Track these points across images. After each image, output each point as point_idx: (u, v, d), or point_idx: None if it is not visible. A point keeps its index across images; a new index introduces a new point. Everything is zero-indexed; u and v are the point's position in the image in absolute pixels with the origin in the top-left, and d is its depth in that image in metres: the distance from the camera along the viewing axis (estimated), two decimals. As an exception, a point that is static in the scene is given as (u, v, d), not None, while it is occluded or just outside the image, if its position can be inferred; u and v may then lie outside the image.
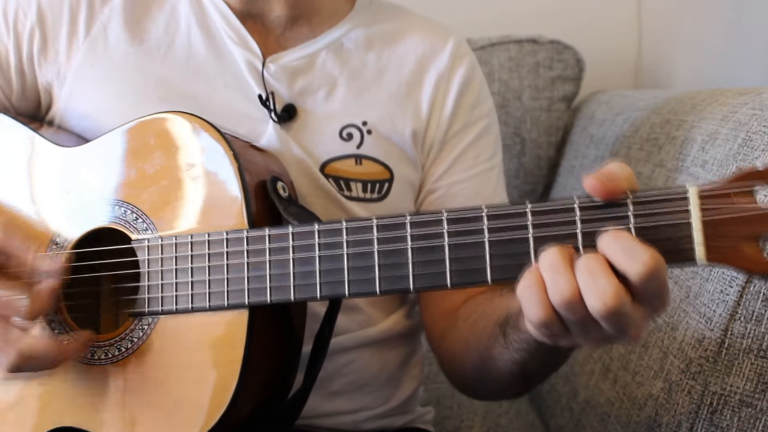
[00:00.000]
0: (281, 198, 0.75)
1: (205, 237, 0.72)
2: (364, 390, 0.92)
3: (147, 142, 0.77)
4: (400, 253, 0.65)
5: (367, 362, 0.91)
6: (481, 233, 0.63)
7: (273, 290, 0.69)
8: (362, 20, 0.95)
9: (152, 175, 0.76)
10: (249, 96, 0.87)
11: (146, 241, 0.74)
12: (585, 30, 1.57)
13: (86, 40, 0.88)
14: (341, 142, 0.88)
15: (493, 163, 0.97)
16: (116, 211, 0.77)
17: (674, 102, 1.04)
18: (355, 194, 0.88)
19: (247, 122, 0.86)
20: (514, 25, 1.51)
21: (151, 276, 0.74)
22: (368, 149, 0.88)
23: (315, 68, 0.90)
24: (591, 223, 0.60)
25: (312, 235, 0.68)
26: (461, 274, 0.64)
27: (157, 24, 0.90)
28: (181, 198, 0.74)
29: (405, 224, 0.65)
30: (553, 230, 0.61)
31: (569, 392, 1.10)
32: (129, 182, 0.77)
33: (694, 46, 1.40)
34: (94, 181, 0.79)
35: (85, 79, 0.88)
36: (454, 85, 0.93)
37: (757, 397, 0.73)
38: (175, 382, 0.72)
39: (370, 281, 0.66)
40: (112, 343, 0.75)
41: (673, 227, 0.58)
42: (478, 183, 0.95)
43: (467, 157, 0.94)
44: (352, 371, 0.90)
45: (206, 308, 0.71)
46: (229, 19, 0.90)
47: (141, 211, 0.76)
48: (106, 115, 0.85)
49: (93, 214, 0.78)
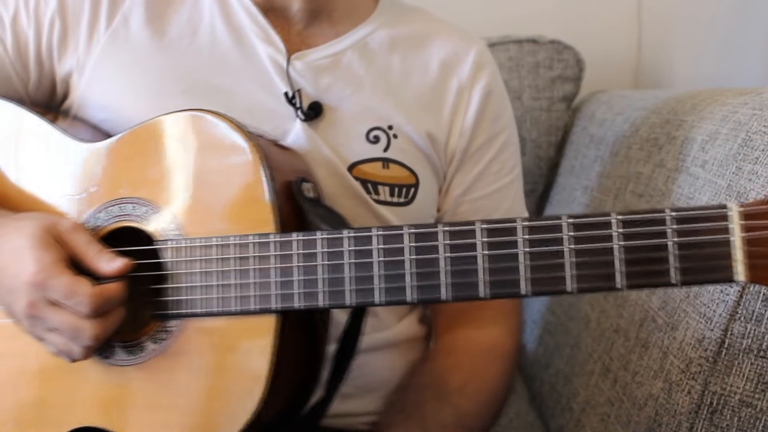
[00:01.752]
0: (308, 199, 0.74)
1: (232, 240, 0.71)
2: (374, 394, 0.92)
3: (172, 139, 0.76)
4: (433, 261, 0.65)
5: (378, 366, 0.91)
6: (517, 245, 0.62)
7: (302, 296, 0.68)
8: (386, 21, 0.94)
9: (178, 174, 0.75)
10: (274, 92, 0.86)
11: (171, 242, 0.73)
12: (585, 30, 1.57)
13: (107, 31, 0.87)
14: (368, 144, 0.87)
15: (513, 176, 0.97)
16: (138, 210, 0.76)
17: (674, 102, 1.04)
18: (383, 198, 0.87)
19: (272, 118, 0.85)
20: (514, 25, 1.51)
21: (176, 278, 0.73)
22: (395, 153, 0.88)
23: (341, 67, 0.89)
24: (630, 239, 0.60)
25: (342, 241, 0.67)
26: (496, 285, 0.63)
27: (179, 15, 0.88)
28: (206, 198, 0.73)
29: (437, 233, 0.65)
30: (591, 245, 0.61)
31: (569, 392, 1.10)
32: (153, 180, 0.75)
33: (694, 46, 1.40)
34: (116, 177, 0.77)
35: (105, 70, 0.87)
36: (476, 96, 0.93)
37: (757, 397, 0.73)
38: (200, 386, 0.71)
39: (401, 289, 0.66)
40: (137, 344, 0.74)
41: (714, 244, 0.57)
42: (499, 198, 0.95)
43: (490, 172, 0.94)
44: (363, 374, 0.89)
45: (233, 312, 0.70)
46: (252, 12, 0.89)
47: (166, 211, 0.74)
48: (125, 107, 0.85)
49: (115, 212, 0.77)
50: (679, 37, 1.47)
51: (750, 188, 0.75)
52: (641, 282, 0.61)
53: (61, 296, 0.69)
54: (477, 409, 0.88)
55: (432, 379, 0.89)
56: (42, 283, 0.69)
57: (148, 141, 0.77)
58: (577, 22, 1.59)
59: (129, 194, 0.76)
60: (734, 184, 0.78)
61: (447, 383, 0.88)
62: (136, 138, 0.78)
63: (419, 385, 0.89)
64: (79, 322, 0.69)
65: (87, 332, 0.69)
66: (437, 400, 0.86)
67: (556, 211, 1.39)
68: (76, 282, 0.69)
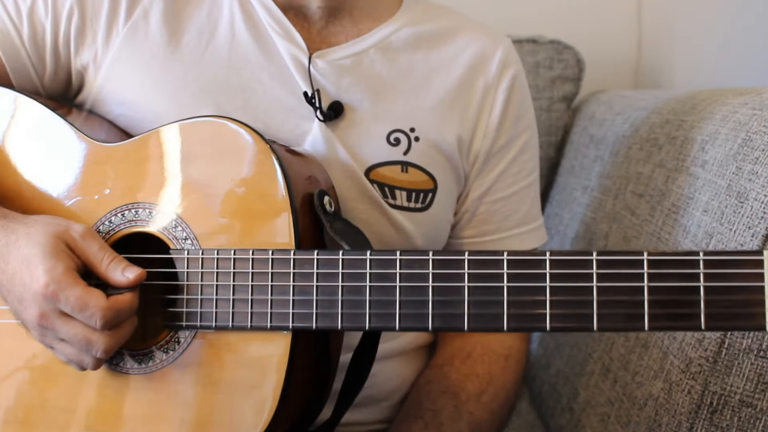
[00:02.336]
0: (327, 213, 0.73)
1: (250, 254, 0.69)
2: (383, 404, 0.92)
3: (191, 146, 0.74)
4: (456, 290, 0.63)
5: (387, 375, 0.90)
6: (543, 278, 0.61)
7: (319, 317, 0.67)
8: (410, 19, 0.92)
9: (195, 182, 0.73)
10: (294, 91, 0.85)
11: (186, 252, 0.71)
12: (585, 30, 1.57)
13: (126, 25, 0.85)
14: (389, 146, 0.86)
15: (531, 179, 0.96)
16: (154, 215, 0.74)
17: (674, 102, 1.04)
18: (399, 202, 0.86)
19: (291, 118, 0.84)
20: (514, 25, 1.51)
21: (190, 289, 0.71)
22: (415, 157, 0.86)
23: (363, 67, 0.88)
24: (659, 279, 0.58)
25: (363, 263, 0.66)
26: (518, 319, 0.62)
27: (200, 11, 0.87)
28: (224, 209, 0.71)
29: (463, 261, 0.63)
30: (619, 282, 0.59)
31: (569, 392, 1.10)
32: (169, 187, 0.74)
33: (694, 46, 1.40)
34: (132, 181, 0.76)
35: (123, 65, 0.85)
36: (501, 95, 0.92)
37: (757, 397, 0.72)
38: (207, 401, 0.70)
39: (422, 316, 0.64)
40: (146, 353, 0.73)
41: (745, 290, 0.56)
42: (517, 200, 0.94)
43: (510, 173, 0.93)
44: (373, 384, 0.88)
45: (247, 328, 0.69)
46: (272, 10, 0.87)
47: (181, 219, 0.73)
48: (143, 103, 0.83)
49: (130, 216, 0.75)
50: (679, 37, 1.47)
51: (750, 188, 0.75)
52: (666, 325, 0.59)
53: (73, 309, 0.67)
54: (491, 418, 0.88)
55: (448, 385, 0.88)
56: (53, 294, 0.67)
57: (166, 146, 0.75)
58: (577, 22, 1.59)
59: (144, 199, 0.75)
60: (734, 184, 0.78)
61: (464, 390, 0.87)
62: (154, 142, 0.76)
63: (435, 391, 0.88)
64: (91, 334, 0.68)
65: (98, 345, 0.68)
66: (454, 407, 0.86)
67: (555, 210, 1.39)
68: (88, 294, 0.67)
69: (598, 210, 1.17)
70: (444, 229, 0.92)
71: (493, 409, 0.88)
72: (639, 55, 1.62)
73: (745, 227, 0.74)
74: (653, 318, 0.59)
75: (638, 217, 1.00)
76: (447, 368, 0.90)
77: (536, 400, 1.28)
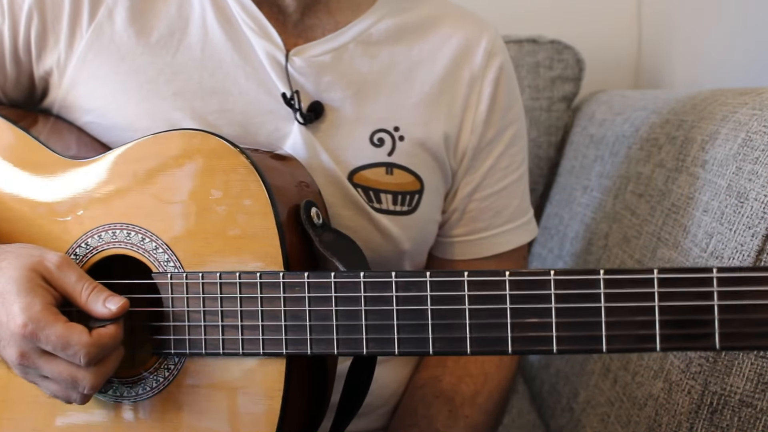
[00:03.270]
0: (315, 227, 0.70)
1: (237, 277, 0.66)
2: (381, 411, 0.91)
3: (167, 162, 0.70)
4: (456, 313, 0.61)
5: (383, 382, 0.89)
6: (548, 299, 0.58)
7: (314, 342, 0.64)
8: (391, 9, 0.87)
9: (173, 200, 0.70)
10: (272, 91, 0.81)
11: (169, 276, 0.68)
12: (585, 30, 1.57)
13: (90, 26, 0.81)
14: (372, 148, 0.83)
15: (521, 171, 0.94)
16: (133, 237, 0.71)
17: (674, 102, 1.04)
18: (384, 206, 0.83)
19: (270, 120, 0.81)
20: (514, 25, 1.51)
21: (177, 315, 0.68)
22: (400, 158, 0.83)
23: (343, 64, 0.84)
24: (670, 299, 0.56)
25: (357, 286, 0.63)
26: (523, 342, 0.59)
27: (169, 7, 0.82)
28: (206, 228, 0.68)
29: (462, 282, 0.61)
30: (628, 302, 0.57)
31: (569, 392, 1.10)
32: (147, 206, 0.70)
33: (694, 46, 1.40)
34: (107, 201, 0.72)
35: (89, 69, 0.81)
36: (487, 87, 0.88)
37: (757, 397, 0.72)
38: (203, 428, 0.68)
39: (422, 341, 0.62)
40: (136, 380, 0.71)
41: (761, 309, 0.54)
42: (508, 195, 0.92)
43: (499, 168, 0.91)
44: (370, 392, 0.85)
45: (239, 354, 0.67)
46: (245, 5, 0.82)
47: (161, 240, 0.70)
48: (113, 110, 0.80)
49: (107, 239, 0.72)
50: (679, 37, 1.47)
51: (750, 188, 0.75)
52: (679, 346, 0.58)
53: (55, 348, 0.64)
54: (487, 419, 0.87)
55: (442, 389, 0.87)
56: (32, 334, 0.64)
57: (141, 162, 0.72)
58: (577, 22, 1.59)
59: (122, 219, 0.71)
60: (734, 184, 0.78)
61: (458, 393, 0.86)
62: (128, 157, 0.73)
63: (430, 396, 0.86)
64: (76, 372, 0.65)
65: (85, 382, 0.65)
66: (449, 412, 0.85)
67: (556, 211, 1.39)
68: (69, 332, 0.64)
69: (598, 210, 1.17)
70: (431, 230, 0.90)
71: (489, 409, 0.88)
72: (639, 55, 1.62)
73: (745, 227, 0.74)
74: (665, 339, 0.57)
75: (638, 217, 1.00)
76: (440, 370, 0.89)
77: (536, 400, 1.28)
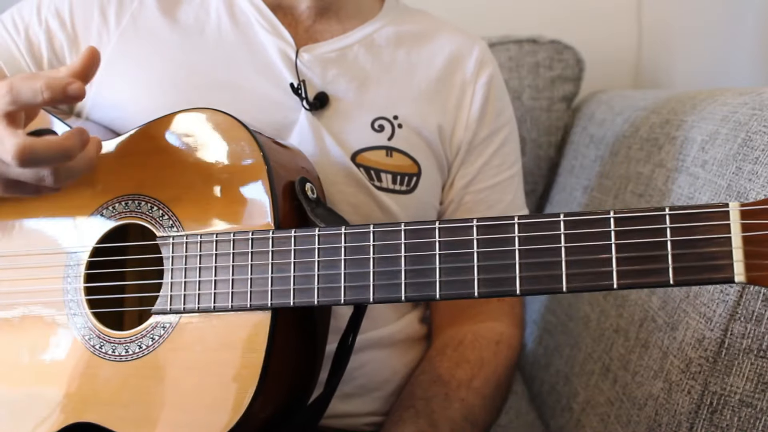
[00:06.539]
0: (309, 199, 0.75)
1: (231, 236, 0.71)
2: (375, 394, 0.92)
3: (176, 138, 0.77)
4: (428, 258, 0.64)
5: (378, 365, 0.92)
6: (512, 242, 0.62)
7: (297, 292, 0.68)
8: (392, 19, 0.98)
9: (180, 172, 0.76)
10: (280, 84, 0.89)
11: (171, 238, 0.74)
12: (585, 30, 1.57)
13: (117, 32, 0.90)
14: (373, 132, 0.90)
15: (514, 170, 1.00)
16: (143, 207, 0.77)
17: (674, 102, 1.04)
18: (385, 185, 0.90)
19: (279, 110, 0.88)
20: (514, 25, 1.51)
21: (175, 273, 0.73)
22: (399, 142, 0.90)
23: (348, 60, 0.93)
24: (626, 235, 0.59)
25: (339, 237, 0.67)
26: (489, 283, 0.63)
27: (187, 14, 0.92)
28: (208, 196, 0.74)
29: (434, 230, 0.64)
30: (587, 241, 0.60)
31: (569, 392, 1.10)
32: (156, 178, 0.77)
33: (694, 46, 1.40)
34: (121, 175, 0.79)
35: (116, 70, 0.89)
36: (479, 91, 0.96)
37: (757, 397, 0.73)
38: (194, 383, 0.72)
39: (395, 286, 0.65)
40: (133, 340, 0.75)
41: (712, 242, 0.56)
42: (500, 191, 0.98)
43: (492, 165, 0.98)
44: (364, 374, 0.90)
45: (228, 308, 0.71)
46: (262, 9, 0.92)
47: (168, 208, 0.76)
48: (136, 104, 0.87)
49: (120, 209, 0.78)
50: (679, 37, 1.47)
51: (750, 188, 0.75)
52: (636, 281, 0.60)
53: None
54: (483, 403, 0.89)
55: (440, 374, 0.89)
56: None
57: (152, 139, 0.78)
58: (577, 22, 1.59)
59: (134, 191, 0.77)
60: (734, 184, 0.78)
61: (454, 377, 0.89)
62: (141, 136, 0.79)
63: (427, 381, 0.89)
64: None
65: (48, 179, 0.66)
66: (445, 395, 0.87)
67: (556, 211, 1.39)
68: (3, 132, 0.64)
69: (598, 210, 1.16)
70: (430, 214, 0.95)
71: (485, 394, 0.89)
72: (639, 55, 1.62)
73: (745, 227, 0.74)
74: (622, 275, 0.59)
75: (638, 217, 1.00)
76: (439, 358, 0.92)
77: (536, 400, 1.28)
